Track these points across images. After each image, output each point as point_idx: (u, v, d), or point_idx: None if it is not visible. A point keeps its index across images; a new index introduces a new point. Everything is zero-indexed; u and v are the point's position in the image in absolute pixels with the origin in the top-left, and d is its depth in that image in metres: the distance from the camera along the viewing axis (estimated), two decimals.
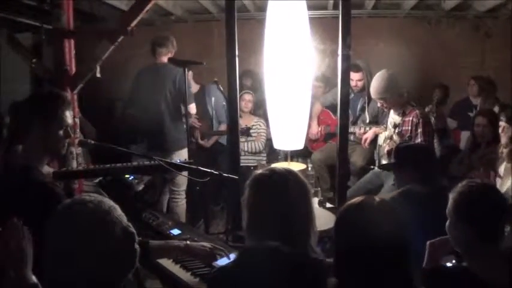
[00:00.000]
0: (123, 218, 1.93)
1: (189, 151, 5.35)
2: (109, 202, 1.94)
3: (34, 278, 2.11)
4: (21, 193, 2.58)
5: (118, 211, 1.94)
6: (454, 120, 7.42)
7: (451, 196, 2.45)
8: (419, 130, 4.98)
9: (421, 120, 5.01)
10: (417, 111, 5.09)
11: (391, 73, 5.18)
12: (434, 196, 3.24)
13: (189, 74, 5.95)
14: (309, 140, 6.70)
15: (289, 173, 2.39)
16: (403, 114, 5.11)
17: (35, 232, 2.30)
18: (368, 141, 5.61)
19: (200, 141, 6.75)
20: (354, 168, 6.13)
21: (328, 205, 4.41)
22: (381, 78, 5.16)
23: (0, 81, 6.79)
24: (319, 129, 6.75)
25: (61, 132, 2.91)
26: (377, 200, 2.21)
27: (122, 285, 1.94)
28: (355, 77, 6.12)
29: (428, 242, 2.67)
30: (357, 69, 6.11)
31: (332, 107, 6.59)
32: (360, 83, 6.26)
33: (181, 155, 5.48)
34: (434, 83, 7.52)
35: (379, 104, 5.38)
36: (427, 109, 6.66)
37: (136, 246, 1.96)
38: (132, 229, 1.95)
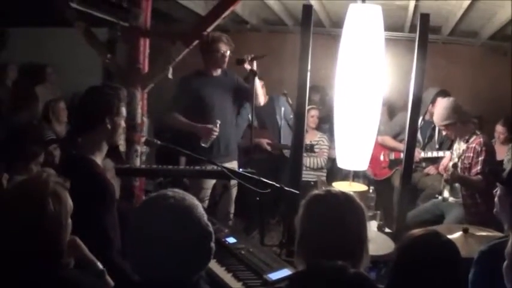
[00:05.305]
0: (203, 217, 1.95)
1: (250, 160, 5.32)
2: (191, 200, 1.96)
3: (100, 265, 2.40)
4: (77, 182, 2.67)
5: (199, 209, 1.96)
6: None
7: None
8: (480, 158, 4.85)
9: (484, 149, 4.88)
10: (481, 139, 4.95)
11: (454, 100, 5.12)
12: None
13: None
14: (373, 167, 6.54)
15: (343, 194, 2.36)
16: (467, 141, 4.99)
17: (86, 219, 2.48)
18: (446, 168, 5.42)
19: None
20: (423, 194, 6.01)
21: (387, 230, 4.33)
22: (444, 105, 5.11)
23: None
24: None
25: (123, 125, 3.07)
26: (441, 237, 2.24)
27: (194, 281, 1.96)
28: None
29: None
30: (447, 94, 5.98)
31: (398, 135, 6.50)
32: None
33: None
34: (503, 114, 7.28)
35: (443, 132, 5.26)
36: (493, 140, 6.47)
37: (212, 245, 1.97)
38: (210, 228, 1.96)
